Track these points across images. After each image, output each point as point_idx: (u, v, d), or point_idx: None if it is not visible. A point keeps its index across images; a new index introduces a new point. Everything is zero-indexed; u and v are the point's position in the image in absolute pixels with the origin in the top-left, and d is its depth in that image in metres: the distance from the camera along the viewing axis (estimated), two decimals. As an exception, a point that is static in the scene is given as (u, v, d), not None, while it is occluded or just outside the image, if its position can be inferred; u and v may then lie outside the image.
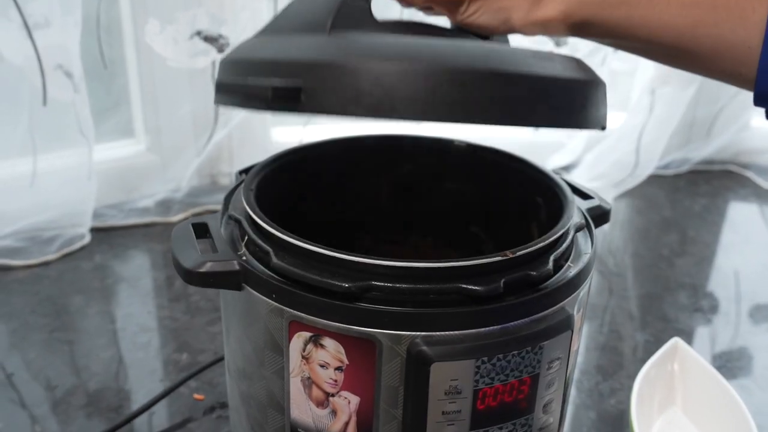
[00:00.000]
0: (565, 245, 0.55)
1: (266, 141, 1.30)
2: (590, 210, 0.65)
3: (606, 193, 1.27)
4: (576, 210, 0.60)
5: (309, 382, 0.52)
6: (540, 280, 0.52)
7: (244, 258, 0.55)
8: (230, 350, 0.60)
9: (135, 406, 0.77)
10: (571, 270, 0.55)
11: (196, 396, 0.79)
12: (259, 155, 1.31)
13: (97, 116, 1.17)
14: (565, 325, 0.52)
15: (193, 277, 0.53)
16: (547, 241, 0.53)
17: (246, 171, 0.67)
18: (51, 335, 0.89)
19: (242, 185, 0.61)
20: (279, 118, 1.29)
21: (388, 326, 0.48)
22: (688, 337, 0.94)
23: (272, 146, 1.30)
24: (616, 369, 0.87)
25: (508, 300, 0.50)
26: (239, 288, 0.54)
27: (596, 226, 0.65)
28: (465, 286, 0.49)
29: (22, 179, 1.05)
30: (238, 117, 1.18)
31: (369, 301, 0.49)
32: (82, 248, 1.09)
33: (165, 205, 1.21)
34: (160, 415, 0.77)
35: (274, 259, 0.51)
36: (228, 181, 1.29)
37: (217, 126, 1.17)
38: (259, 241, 0.54)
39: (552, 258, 0.53)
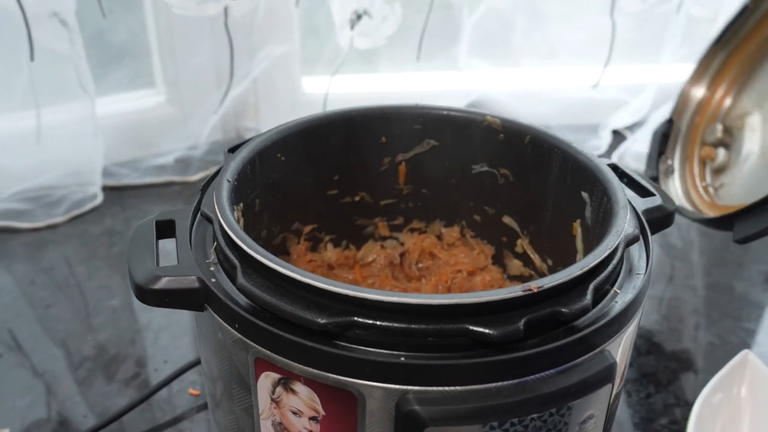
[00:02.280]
0: (610, 268, 0.44)
1: (295, 93, 1.19)
2: (649, 211, 0.52)
3: (673, 161, 1.11)
4: (630, 215, 0.48)
5: (281, 428, 0.43)
6: (573, 317, 0.40)
7: (212, 268, 0.46)
8: (203, 369, 0.51)
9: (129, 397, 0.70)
10: (618, 301, 0.43)
11: (192, 391, 0.72)
12: (287, 109, 1.22)
13: (112, 64, 1.08)
14: (604, 376, 0.40)
15: (145, 295, 0.43)
16: (584, 269, 0.41)
17: (235, 149, 0.57)
18: (47, 312, 0.83)
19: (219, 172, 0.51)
20: (307, 67, 1.17)
21: (373, 377, 0.38)
22: (763, 345, 0.81)
23: (302, 98, 1.19)
24: (672, 378, 0.75)
25: (528, 345, 0.39)
26: (201, 308, 0.44)
27: (656, 231, 0.52)
28: (473, 327, 0.38)
29: (26, 136, 0.97)
30: (260, 68, 1.07)
31: (350, 341, 0.39)
32: (93, 210, 1.02)
33: (184, 163, 1.12)
34: (152, 411, 0.70)
35: (241, 278, 0.41)
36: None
37: (235, 79, 1.06)
38: (228, 251, 0.44)
39: (592, 287, 0.41)
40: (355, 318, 0.38)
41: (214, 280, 0.45)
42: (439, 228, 0.67)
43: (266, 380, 0.41)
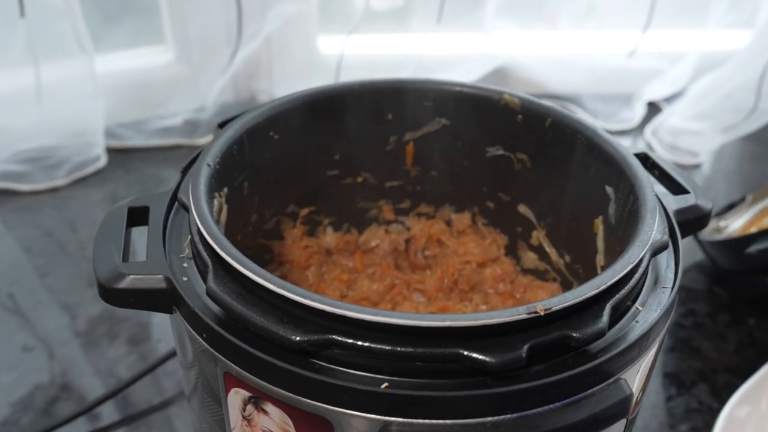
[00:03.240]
0: (632, 283, 0.38)
1: (310, 53, 1.12)
2: (682, 212, 0.46)
3: (711, 139, 1.04)
4: (659, 217, 0.42)
5: (255, 446, 0.39)
6: (585, 343, 0.35)
7: (184, 265, 0.41)
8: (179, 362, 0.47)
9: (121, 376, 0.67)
10: (639, 320, 0.38)
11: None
12: (301, 71, 1.16)
13: (117, 19, 1.03)
14: (618, 411, 0.35)
15: (107, 295, 0.39)
16: (600, 288, 0.35)
17: (226, 123, 0.51)
18: (42, 281, 0.80)
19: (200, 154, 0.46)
20: (322, 25, 1.11)
21: (351, 405, 0.34)
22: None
23: (318, 59, 1.12)
24: (696, 380, 0.70)
25: (531, 374, 0.34)
26: (169, 311, 0.40)
27: (688, 234, 0.46)
28: (468, 353, 0.33)
29: (26, 94, 0.93)
30: (272, 26, 1.00)
31: (328, 361, 0.34)
32: (96, 173, 0.98)
33: (192, 125, 1.07)
34: (141, 393, 0.67)
35: (211, 281, 0.37)
36: (268, 98, 1.14)
37: (245, 38, 1.00)
38: (200, 248, 0.39)
39: (609, 307, 0.36)
40: (334, 336, 0.34)
41: (185, 279, 0.40)
42: (449, 214, 0.62)
43: (236, 396, 0.37)
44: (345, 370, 0.34)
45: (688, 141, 1.06)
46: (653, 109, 1.15)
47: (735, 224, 0.83)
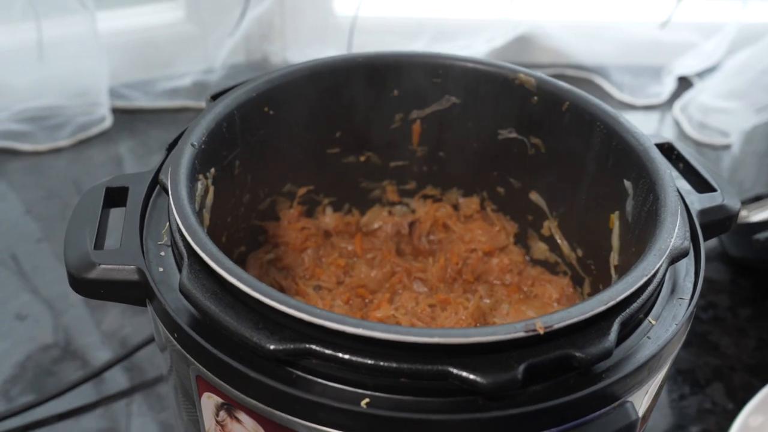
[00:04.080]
0: (645, 295, 0.34)
1: (325, 14, 1.08)
2: (707, 213, 0.42)
3: (743, 119, 0.98)
4: (679, 221, 0.38)
5: (229, 451, 0.36)
6: (589, 363, 0.32)
7: (162, 254, 0.38)
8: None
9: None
10: (651, 336, 0.35)
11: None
12: (315, 32, 1.11)
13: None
14: (622, 436, 0.32)
15: (77, 285, 0.37)
16: (609, 304, 0.32)
17: (219, 96, 0.48)
18: (37, 246, 0.78)
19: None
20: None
21: (328, 422, 0.31)
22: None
23: (333, 20, 1.08)
24: (711, 379, 0.67)
25: (528, 395, 0.31)
26: (142, 304, 0.37)
27: (712, 237, 0.43)
28: (457, 371, 0.30)
29: (28, 51, 0.90)
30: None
31: (305, 371, 0.32)
32: (100, 134, 0.96)
33: (201, 87, 1.04)
34: (136, 370, 0.65)
35: (185, 276, 0.34)
36: (280, 61, 1.10)
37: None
38: (177, 237, 0.36)
39: (618, 323, 0.32)
40: (312, 346, 0.31)
41: (161, 269, 0.37)
42: (457, 197, 0.58)
43: (209, 401, 0.35)
44: (323, 382, 0.31)
45: (718, 120, 1.00)
46: (684, 84, 1.09)
47: (757, 216, 0.78)
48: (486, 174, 0.56)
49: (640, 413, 0.34)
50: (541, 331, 0.30)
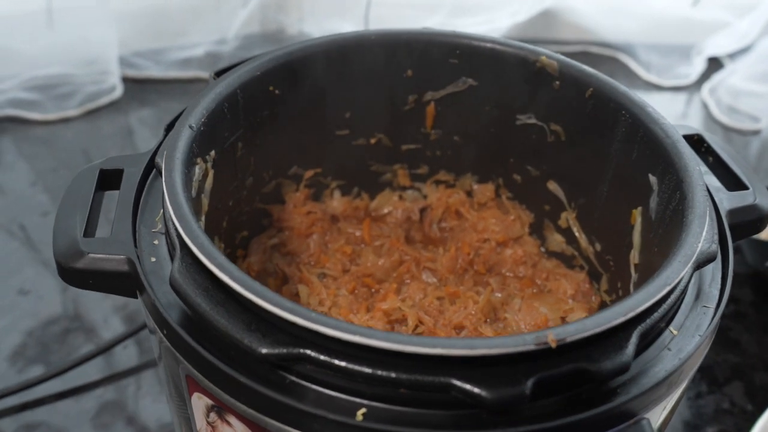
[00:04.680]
0: (666, 305, 0.32)
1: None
2: (737, 213, 0.39)
3: (775, 104, 0.94)
4: (707, 223, 0.35)
5: (221, 452, 0.35)
6: (604, 378, 0.29)
7: (155, 242, 0.36)
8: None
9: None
10: (672, 348, 0.32)
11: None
12: (334, 4, 1.08)
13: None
14: (636, 457, 0.30)
15: (65, 274, 0.35)
16: (628, 316, 0.30)
17: (224, 72, 0.46)
18: (44, 219, 0.77)
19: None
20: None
21: (320, 432, 0.29)
22: None
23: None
24: (730, 377, 0.64)
25: (536, 411, 0.29)
26: (133, 296, 0.35)
27: (741, 238, 0.40)
28: (461, 384, 0.28)
29: (37, 17, 0.88)
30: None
31: (299, 376, 0.30)
32: (110, 104, 0.94)
33: (214, 57, 1.01)
34: (144, 346, 0.64)
35: (176, 269, 0.32)
36: (296, 33, 1.07)
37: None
38: (170, 226, 0.34)
39: (636, 335, 0.30)
40: (307, 351, 0.29)
41: (153, 259, 0.35)
42: (471, 183, 0.55)
43: (200, 401, 0.33)
44: (318, 389, 0.30)
45: (749, 103, 0.96)
46: (714, 65, 1.05)
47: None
48: (502, 160, 0.53)
49: (656, 428, 0.32)
50: (553, 345, 0.28)
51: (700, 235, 0.33)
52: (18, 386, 0.57)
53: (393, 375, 0.28)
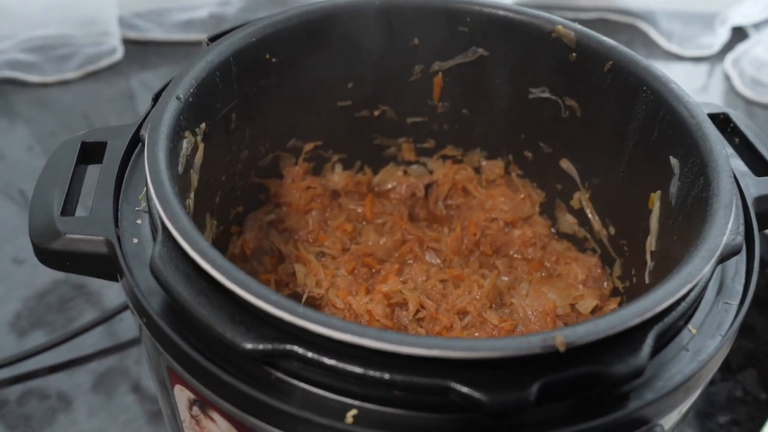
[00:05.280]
0: (686, 304, 0.30)
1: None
2: (764, 200, 0.37)
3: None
4: (733, 213, 0.32)
5: (206, 445, 0.33)
6: (616, 382, 0.27)
7: (138, 222, 0.34)
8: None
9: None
10: (690, 348, 0.30)
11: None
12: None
13: None
14: (647, 467, 0.28)
15: (41, 255, 0.33)
16: (644, 317, 0.27)
17: (218, 38, 0.43)
18: (40, 186, 0.75)
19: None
20: None
21: (307, 435, 0.27)
22: None
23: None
24: (744, 364, 0.62)
25: (541, 417, 0.27)
26: (114, 279, 0.33)
27: (767, 227, 0.37)
28: (459, 387, 0.25)
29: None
30: None
31: (286, 373, 0.28)
32: (111, 67, 0.91)
33: (218, 20, 0.98)
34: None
35: (157, 253, 0.30)
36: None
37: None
38: (153, 205, 0.32)
39: (652, 336, 0.28)
40: (294, 348, 0.27)
41: (135, 240, 0.33)
42: (479, 159, 0.53)
43: (182, 394, 0.31)
44: (306, 387, 0.27)
45: (774, 76, 0.92)
46: (738, 35, 1.00)
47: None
48: (513, 136, 0.50)
49: (668, 430, 0.30)
50: (562, 349, 0.25)
51: (726, 227, 0.31)
52: (21, 355, 0.55)
53: (386, 376, 0.26)
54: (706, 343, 0.30)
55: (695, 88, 0.94)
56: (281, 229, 0.49)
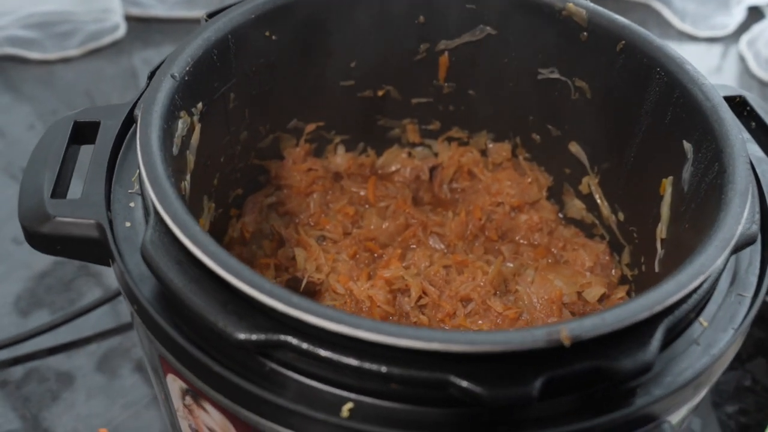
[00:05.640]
0: (698, 296, 0.28)
1: None
2: (780, 186, 0.35)
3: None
4: (750, 200, 0.31)
5: (200, 434, 0.32)
6: (622, 378, 0.26)
7: (131, 204, 0.33)
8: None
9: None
10: (701, 342, 0.29)
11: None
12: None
13: None
14: (653, 465, 0.27)
15: (31, 239, 0.32)
16: (654, 311, 0.26)
17: (216, 14, 0.41)
18: (40, 165, 0.74)
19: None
20: None
21: (303, 430, 0.26)
22: None
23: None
24: (755, 352, 0.61)
25: (544, 412, 0.26)
26: (106, 263, 0.32)
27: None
28: (459, 381, 0.24)
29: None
30: None
31: (280, 364, 0.27)
32: (113, 44, 0.89)
33: (223, -5, 0.96)
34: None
35: (149, 238, 0.29)
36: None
37: None
38: (144, 188, 0.31)
39: (661, 331, 0.27)
40: (288, 338, 0.26)
41: (128, 224, 0.32)
42: (485, 142, 0.51)
43: (174, 383, 0.30)
44: (300, 379, 0.26)
45: (790, 58, 0.90)
46: (754, 15, 0.98)
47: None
48: (521, 118, 0.49)
49: (675, 425, 0.29)
50: (567, 343, 0.24)
51: (741, 216, 0.29)
52: (21, 335, 0.55)
53: (383, 369, 0.25)
54: (718, 337, 0.29)
55: (709, 69, 0.92)
56: (282, 212, 0.48)
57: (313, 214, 0.48)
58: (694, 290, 0.27)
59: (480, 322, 0.41)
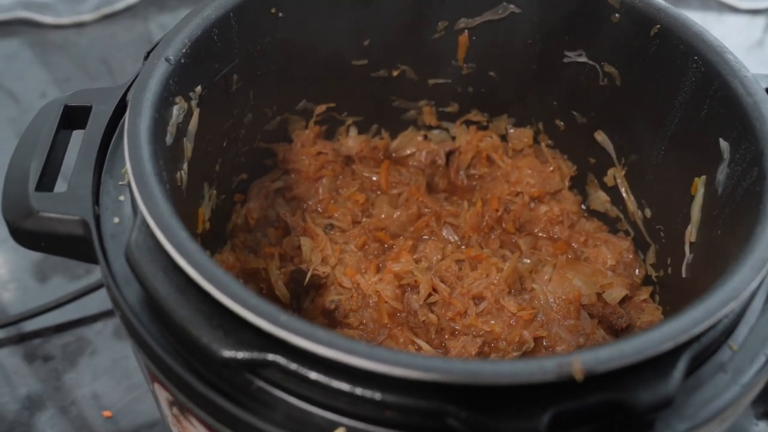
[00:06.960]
0: (726, 321, 0.26)
1: None
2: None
3: None
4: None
5: (190, 441, 0.31)
6: (641, 412, 0.24)
7: (121, 198, 0.31)
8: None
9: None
10: (729, 370, 0.26)
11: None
12: None
13: None
14: (669, 504, 0.25)
15: (15, 234, 0.30)
16: (678, 341, 0.23)
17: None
18: (51, 134, 0.72)
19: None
20: None
21: (289, 454, 0.24)
22: None
23: None
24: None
25: (553, 448, 0.24)
26: (94, 260, 0.30)
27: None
28: (459, 413, 0.22)
29: None
30: None
31: (268, 382, 0.25)
32: (127, 9, 0.87)
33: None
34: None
35: (134, 240, 0.27)
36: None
37: None
38: (131, 186, 0.29)
39: (685, 361, 0.24)
40: (276, 358, 0.24)
41: (116, 220, 0.30)
42: (506, 126, 0.48)
43: (161, 393, 0.28)
44: (289, 399, 0.25)
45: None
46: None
47: None
48: (544, 102, 0.46)
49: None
50: (579, 377, 0.22)
51: (779, 234, 0.26)
52: (24, 314, 0.53)
53: (377, 396, 0.23)
54: (749, 364, 0.26)
55: (749, 44, 0.87)
56: (289, 197, 0.45)
57: (321, 200, 0.46)
58: (725, 316, 0.24)
59: (492, 322, 0.39)
